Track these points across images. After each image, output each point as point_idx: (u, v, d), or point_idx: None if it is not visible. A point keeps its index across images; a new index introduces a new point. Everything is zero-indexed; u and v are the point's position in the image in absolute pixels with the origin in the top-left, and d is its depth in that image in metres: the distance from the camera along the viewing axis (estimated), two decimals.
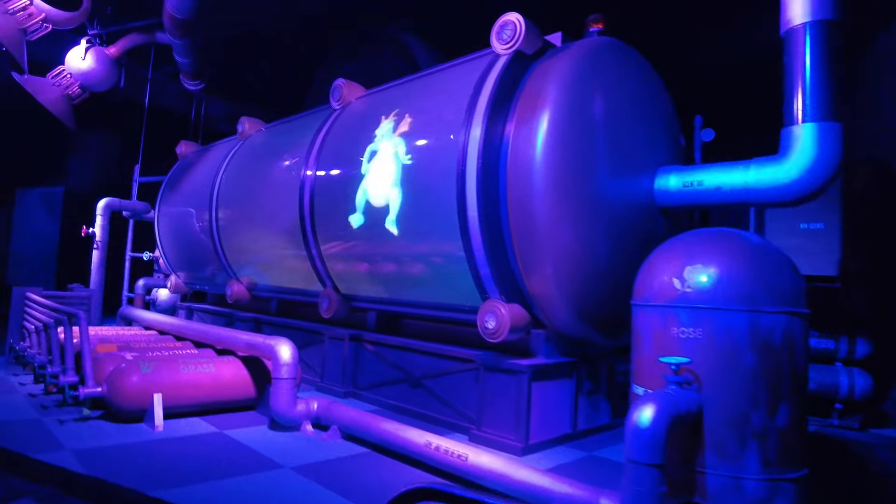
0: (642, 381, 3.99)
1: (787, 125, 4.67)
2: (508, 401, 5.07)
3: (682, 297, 3.75)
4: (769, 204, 4.77)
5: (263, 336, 5.41)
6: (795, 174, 4.52)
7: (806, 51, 4.55)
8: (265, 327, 8.51)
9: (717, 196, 4.96)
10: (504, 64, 5.04)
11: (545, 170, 4.66)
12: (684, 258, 3.87)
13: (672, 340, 3.78)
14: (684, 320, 3.73)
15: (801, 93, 4.57)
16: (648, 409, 3.25)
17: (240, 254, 8.38)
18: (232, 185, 8.40)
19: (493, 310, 4.96)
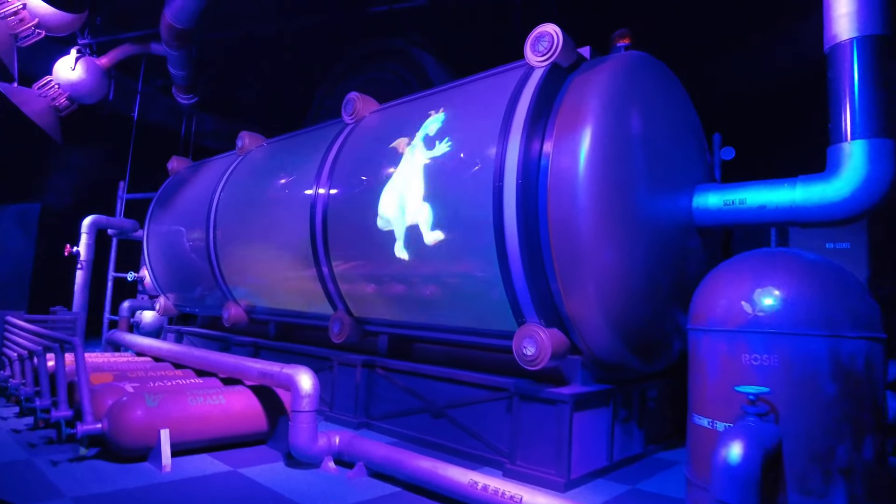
0: (706, 412, 3.72)
1: (834, 142, 4.54)
2: (548, 432, 4.75)
3: (754, 322, 3.52)
4: (817, 223, 4.61)
5: (279, 364, 5.01)
6: (847, 192, 4.37)
7: (854, 67, 4.44)
8: (264, 352, 8.06)
9: (761, 215, 4.79)
10: (542, 76, 4.83)
11: (589, 186, 4.43)
12: (753, 280, 3.64)
13: (742, 368, 3.53)
14: (756, 346, 3.49)
15: (849, 109, 4.45)
16: (737, 445, 2.97)
17: (239, 275, 7.94)
18: (232, 202, 8.00)
19: (532, 335, 4.66)
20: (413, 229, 5.44)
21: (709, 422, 3.68)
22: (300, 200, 6.83)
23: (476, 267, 4.98)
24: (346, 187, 6.21)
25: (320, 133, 7.34)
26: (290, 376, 4.80)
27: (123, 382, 5.34)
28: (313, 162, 6.82)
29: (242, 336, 8.47)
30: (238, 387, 5.44)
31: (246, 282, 7.94)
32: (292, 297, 7.33)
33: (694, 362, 3.92)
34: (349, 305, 6.47)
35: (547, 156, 4.61)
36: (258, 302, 7.98)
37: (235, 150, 8.73)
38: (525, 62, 5.16)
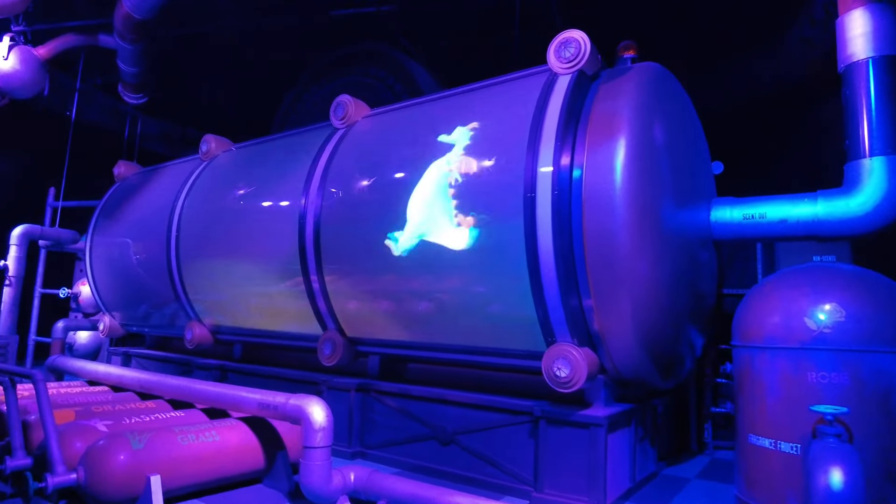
0: (767, 432, 3.60)
1: (852, 159, 4.64)
2: (579, 457, 4.50)
3: (820, 339, 3.43)
4: (839, 237, 4.67)
5: (284, 394, 4.46)
6: (871, 207, 4.46)
7: (871, 85, 4.56)
8: (233, 376, 7.35)
9: (782, 229, 4.81)
10: (571, 83, 4.64)
11: (626, 198, 4.26)
12: (812, 295, 3.57)
13: (809, 387, 3.43)
14: (824, 364, 3.40)
15: (867, 126, 4.56)
16: (838, 471, 2.83)
17: (206, 292, 7.21)
18: (198, 212, 7.27)
19: (566, 355, 4.41)
20: (427, 242, 5.07)
21: (771, 442, 3.56)
22: (285, 210, 6.28)
23: (501, 282, 4.69)
24: (344, 196, 5.74)
25: (303, 138, 6.81)
26: (301, 408, 4.27)
27: (92, 420, 4.58)
28: (299, 169, 6.29)
29: (207, 359, 7.70)
30: (229, 420, 4.82)
31: (214, 299, 7.21)
32: (271, 316, 6.71)
33: (747, 381, 3.79)
34: (342, 324, 5.97)
35: (579, 166, 4.40)
36: (228, 321, 7.27)
37: (199, 154, 7.98)
38: (547, 68, 4.96)
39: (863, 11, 4.62)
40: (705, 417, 6.70)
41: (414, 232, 5.16)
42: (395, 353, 5.99)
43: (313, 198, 5.96)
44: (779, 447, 3.50)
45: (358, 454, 5.83)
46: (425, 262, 5.11)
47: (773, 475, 3.52)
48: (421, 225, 5.14)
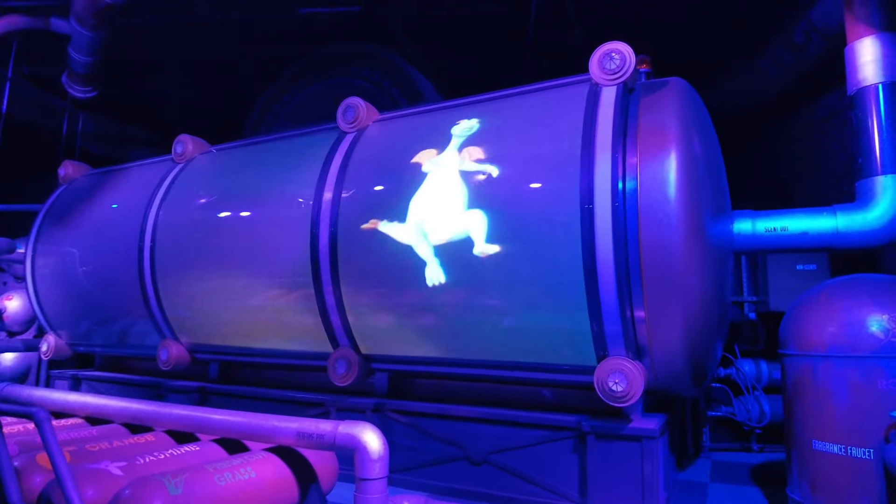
0: (836, 439, 3.74)
1: (866, 176, 4.98)
2: (632, 471, 4.48)
3: (889, 347, 3.61)
4: (854, 249, 4.99)
5: (330, 422, 4.07)
6: (886, 220, 4.79)
7: (881, 109, 4.93)
8: (215, 398, 6.71)
9: (803, 241, 5.06)
10: (618, 95, 4.64)
11: (680, 211, 4.30)
12: (873, 305, 3.76)
13: (879, 393, 3.60)
14: (894, 372, 3.57)
15: (878, 146, 4.92)
16: None
17: (188, 307, 6.54)
18: (179, 219, 6.59)
19: (622, 369, 4.37)
20: (464, 253, 4.87)
21: (840, 448, 3.69)
22: (291, 219, 5.82)
23: (550, 295, 4.57)
24: (365, 204, 5.41)
25: (304, 141, 6.38)
26: (354, 437, 3.92)
27: (100, 462, 3.95)
28: (306, 175, 5.87)
29: (182, 381, 6.98)
30: (259, 453, 4.34)
31: (198, 315, 6.55)
32: (269, 333, 6.19)
33: (809, 389, 3.93)
34: (358, 341, 5.60)
35: (633, 179, 4.40)
36: (212, 339, 6.63)
37: (171, 156, 7.25)
38: (586, 78, 4.95)
39: (873, 40, 4.99)
40: (703, 422, 6.96)
41: (449, 242, 4.94)
42: (412, 370, 5.70)
43: (327, 206, 5.57)
44: (850, 453, 3.64)
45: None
46: (462, 274, 4.90)
47: (843, 480, 3.65)
48: (456, 235, 4.93)
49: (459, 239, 4.90)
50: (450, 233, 4.94)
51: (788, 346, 4.14)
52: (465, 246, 4.87)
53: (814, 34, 6.82)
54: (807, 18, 6.78)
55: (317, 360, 5.96)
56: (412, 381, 6.00)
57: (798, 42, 7.09)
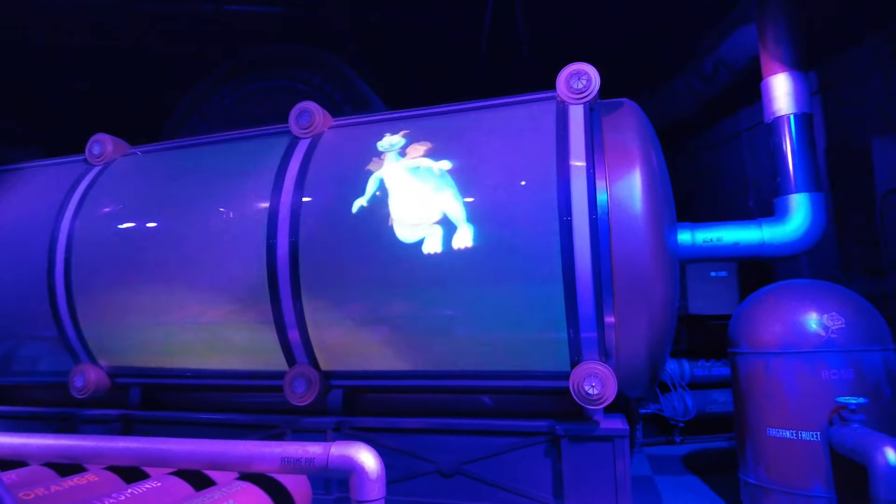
0: (787, 425, 4.24)
1: (783, 193, 5.70)
2: (605, 471, 4.71)
3: (829, 343, 4.16)
4: (775, 258, 5.67)
5: (319, 444, 3.84)
6: (801, 233, 5.50)
7: (793, 135, 5.68)
8: (141, 427, 6.05)
9: (735, 251, 5.64)
10: (586, 113, 4.90)
11: (646, 225, 4.64)
12: (814, 306, 4.31)
13: (822, 383, 4.14)
14: (834, 363, 4.13)
15: (792, 168, 5.67)
16: (891, 450, 3.46)
17: (115, 325, 5.83)
18: (102, 228, 5.87)
19: (596, 373, 4.59)
20: (439, 265, 4.85)
21: (792, 433, 4.17)
22: (240, 227, 5.44)
23: (529, 304, 4.69)
24: (330, 215, 5.19)
25: (250, 145, 5.98)
26: (349, 457, 3.72)
27: None
28: (257, 180, 5.52)
29: (99, 409, 6.19)
30: (235, 483, 3.99)
31: (125, 336, 5.86)
32: (211, 352, 5.70)
33: (761, 382, 4.40)
34: (318, 357, 5.35)
35: (603, 193, 4.68)
36: (140, 361, 5.96)
37: (85, 156, 6.46)
38: (551, 95, 5.18)
39: (786, 76, 5.74)
40: (637, 419, 7.49)
41: (423, 254, 4.90)
42: (376, 385, 5.54)
43: (285, 215, 5.27)
44: (800, 436, 4.13)
45: (341, 500, 5.25)
46: (438, 284, 4.88)
47: (795, 461, 4.14)
48: (431, 246, 4.90)
49: (435, 254, 4.87)
50: (425, 247, 4.90)
51: (740, 345, 4.62)
52: (442, 257, 4.85)
53: (722, 67, 7.69)
54: (717, 53, 7.63)
55: (268, 379, 5.59)
56: (369, 397, 5.82)
57: (708, 73, 7.95)
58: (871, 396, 4.15)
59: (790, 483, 4.17)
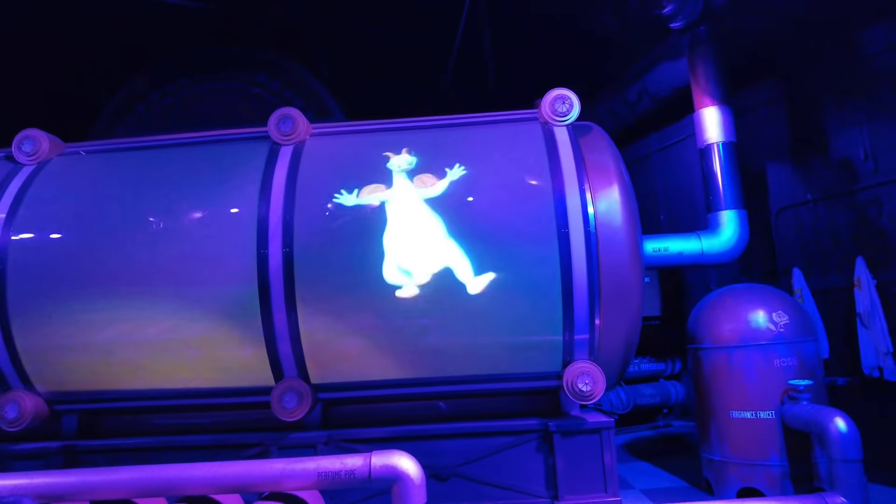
0: (748, 407, 5.01)
1: (714, 210, 6.62)
2: (594, 460, 5.16)
3: (779, 336, 4.98)
4: (710, 266, 6.57)
5: (359, 455, 3.83)
6: (731, 245, 6.45)
7: (722, 160, 6.64)
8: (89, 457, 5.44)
9: (679, 259, 6.46)
10: (571, 134, 5.37)
11: (625, 235, 5.18)
12: (764, 306, 5.13)
13: (774, 370, 4.95)
14: (783, 353, 4.96)
15: (721, 188, 6.61)
16: (839, 419, 4.28)
17: (60, 347, 5.19)
18: (47, 237, 5.21)
19: (588, 371, 5.04)
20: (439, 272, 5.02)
21: (752, 413, 4.93)
22: (221, 237, 5.17)
23: (529, 310, 5.02)
24: (325, 223, 5.13)
25: (221, 149, 5.68)
26: (392, 466, 3.77)
27: None
28: (239, 187, 5.29)
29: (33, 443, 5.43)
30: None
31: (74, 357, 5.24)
32: (183, 370, 5.30)
33: (723, 373, 5.14)
34: (310, 370, 5.23)
35: (593, 207, 5.15)
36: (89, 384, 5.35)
37: (13, 154, 5.66)
38: (533, 115, 5.61)
39: (715, 109, 6.70)
40: None
41: (425, 262, 5.04)
42: (366, 395, 5.53)
43: (276, 225, 5.10)
44: (758, 416, 4.90)
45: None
46: (440, 296, 5.03)
47: (755, 437, 4.90)
48: (432, 254, 5.05)
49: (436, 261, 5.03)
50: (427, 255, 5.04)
51: (704, 341, 5.34)
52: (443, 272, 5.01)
53: (645, 95, 8.68)
54: (642, 82, 8.59)
55: (249, 395, 5.35)
56: (344, 409, 5.75)
57: (632, 100, 8.91)
58: (810, 379, 5.04)
59: (751, 456, 4.93)
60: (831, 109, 7.15)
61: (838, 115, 7.05)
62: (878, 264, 6.40)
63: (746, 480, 4.95)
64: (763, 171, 8.09)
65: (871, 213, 6.65)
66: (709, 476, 5.35)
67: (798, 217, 7.56)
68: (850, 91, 6.87)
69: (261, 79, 7.34)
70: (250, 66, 7.36)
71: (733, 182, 6.62)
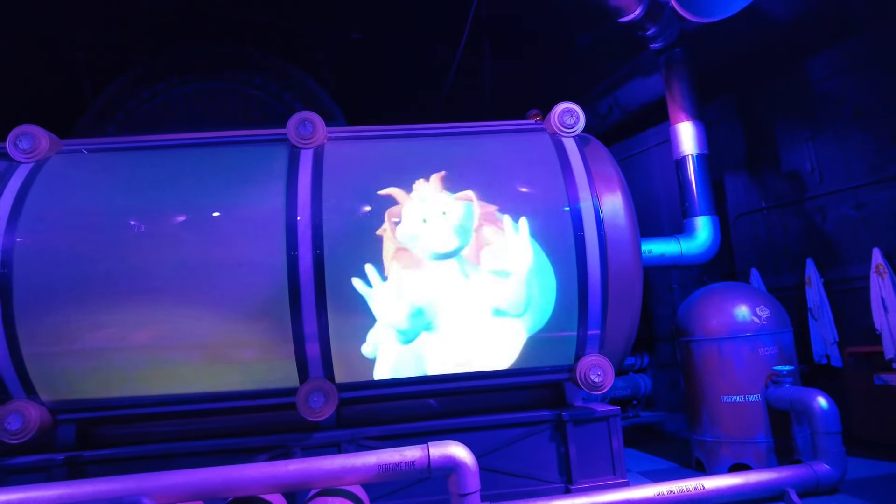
0: (738, 391, 5.62)
1: (690, 216, 7.30)
2: (603, 446, 5.60)
3: (762, 328, 5.63)
4: (687, 267, 7.23)
5: (416, 447, 4.03)
6: (706, 247, 7.14)
7: (696, 171, 7.32)
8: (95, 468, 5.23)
9: (662, 260, 7.08)
10: (578, 145, 5.80)
11: (629, 238, 5.68)
12: (747, 302, 5.77)
13: (759, 358, 5.59)
14: (766, 342, 5.61)
15: (696, 195, 7.29)
16: (821, 398, 4.94)
17: (72, 354, 4.99)
18: (57, 238, 4.99)
19: (599, 364, 5.48)
20: (465, 269, 5.29)
21: (741, 397, 5.55)
22: (246, 240, 5.18)
23: (548, 307, 5.38)
24: (352, 224, 5.26)
25: (239, 152, 5.64)
26: (451, 456, 4.03)
27: None
28: (262, 190, 5.33)
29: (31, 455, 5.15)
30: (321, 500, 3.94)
31: (87, 363, 5.04)
32: (202, 374, 5.24)
33: (715, 362, 5.73)
34: (336, 370, 5.32)
35: (599, 212, 5.60)
36: (99, 392, 5.16)
37: (8, 151, 5.35)
38: (540, 126, 6.01)
39: (689, 123, 7.38)
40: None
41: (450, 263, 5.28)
42: (382, 394, 5.67)
43: (305, 228, 5.16)
44: (747, 399, 5.51)
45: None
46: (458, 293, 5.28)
47: (744, 418, 5.51)
48: (457, 255, 5.31)
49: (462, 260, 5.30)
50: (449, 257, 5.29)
51: (695, 334, 5.92)
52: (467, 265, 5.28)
53: (616, 108, 9.32)
54: (613, 96, 9.23)
55: (273, 397, 5.36)
56: (350, 409, 5.86)
57: (603, 112, 9.54)
58: (789, 365, 5.73)
59: (741, 435, 5.53)
60: (782, 126, 8.03)
61: (788, 131, 7.93)
62: (824, 265, 7.28)
63: (737, 457, 5.56)
64: (722, 180, 8.91)
65: (818, 219, 7.56)
66: (700, 456, 5.93)
67: (754, 223, 8.41)
68: (799, 110, 7.76)
69: (258, 81, 7.25)
70: (247, 68, 7.25)
71: (706, 190, 7.32)
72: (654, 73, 8.19)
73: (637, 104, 8.97)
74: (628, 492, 4.75)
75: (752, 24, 6.82)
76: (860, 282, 6.72)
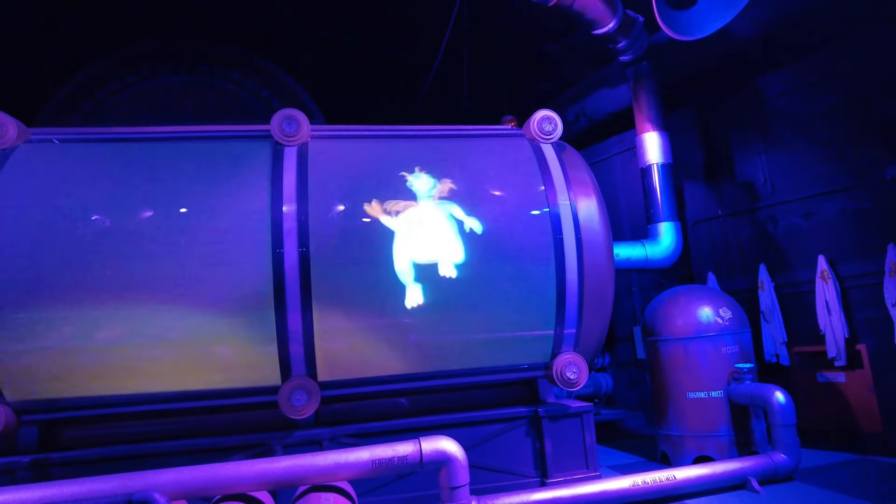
0: (702, 388, 5.96)
1: (654, 221, 7.65)
2: (577, 440, 5.83)
3: (725, 328, 5.99)
4: (652, 270, 7.58)
5: (408, 442, 4.10)
6: (669, 252, 7.50)
7: (660, 179, 7.69)
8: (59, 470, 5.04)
9: (629, 264, 7.39)
10: (557, 152, 6.01)
11: (603, 240, 5.94)
12: (710, 303, 6.13)
13: (721, 356, 5.95)
14: (728, 342, 5.98)
15: (660, 202, 7.66)
16: (779, 393, 5.33)
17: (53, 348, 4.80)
18: (26, 231, 4.78)
19: (574, 361, 5.70)
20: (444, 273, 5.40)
21: (705, 394, 5.89)
22: (230, 236, 5.12)
23: (526, 307, 5.55)
24: (339, 225, 5.27)
25: (219, 147, 5.55)
26: (442, 451, 4.12)
27: None
28: (245, 187, 5.27)
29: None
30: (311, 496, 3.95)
31: (60, 360, 4.85)
32: (180, 372, 5.13)
33: (681, 360, 6.05)
34: (319, 368, 5.32)
35: (577, 216, 5.82)
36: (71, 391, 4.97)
37: None
38: (519, 132, 6.21)
39: (654, 134, 7.74)
40: None
41: (430, 263, 5.38)
42: (365, 391, 5.70)
43: (291, 225, 5.14)
44: (710, 395, 5.85)
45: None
46: (442, 292, 5.39)
47: (708, 413, 5.85)
48: (438, 256, 5.41)
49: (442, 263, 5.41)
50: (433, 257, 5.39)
51: (662, 334, 6.23)
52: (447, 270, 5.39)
53: (582, 117, 9.66)
54: (580, 104, 9.56)
55: (252, 395, 5.31)
56: (338, 407, 5.88)
57: (569, 120, 9.85)
58: (748, 363, 6.12)
59: (705, 429, 5.87)
60: (737, 139, 8.55)
61: (743, 144, 8.44)
62: (775, 270, 7.79)
63: (701, 450, 5.90)
64: (681, 188, 9.37)
65: (769, 227, 8.08)
66: (666, 449, 6.24)
67: (710, 229, 8.89)
68: (753, 125, 8.28)
69: (234, 76, 7.11)
70: (222, 62, 7.09)
71: (670, 197, 7.70)
72: (621, 83, 8.55)
73: (603, 113, 9.32)
74: (606, 483, 4.97)
75: (713, 42, 7.25)
76: (807, 286, 7.24)
